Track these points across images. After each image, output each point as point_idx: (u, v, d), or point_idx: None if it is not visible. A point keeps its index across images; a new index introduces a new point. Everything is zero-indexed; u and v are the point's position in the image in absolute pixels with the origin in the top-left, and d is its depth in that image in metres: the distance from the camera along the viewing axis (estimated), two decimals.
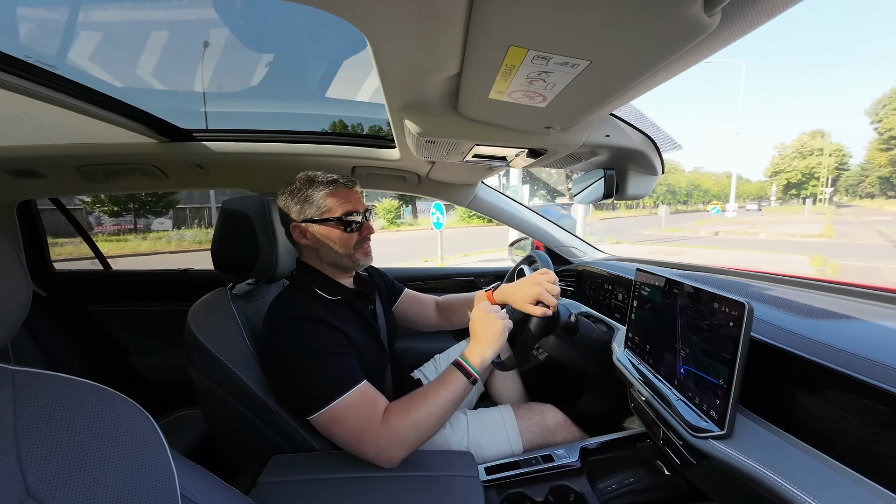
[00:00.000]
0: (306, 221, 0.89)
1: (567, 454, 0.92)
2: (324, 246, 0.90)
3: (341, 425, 0.76)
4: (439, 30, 0.47)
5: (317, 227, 0.89)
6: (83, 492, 0.37)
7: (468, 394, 0.84)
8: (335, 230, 0.89)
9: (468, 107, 0.71)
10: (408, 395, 0.81)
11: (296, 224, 0.89)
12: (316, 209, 0.88)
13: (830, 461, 0.50)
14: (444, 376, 0.83)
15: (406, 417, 0.77)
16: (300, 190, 0.89)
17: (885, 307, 0.73)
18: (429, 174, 1.42)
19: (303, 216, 0.89)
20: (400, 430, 0.76)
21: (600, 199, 1.20)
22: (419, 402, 0.79)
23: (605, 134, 0.92)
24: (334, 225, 0.89)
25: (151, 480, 0.42)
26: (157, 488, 0.42)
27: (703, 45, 0.45)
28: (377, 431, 0.75)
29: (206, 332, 0.83)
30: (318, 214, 0.89)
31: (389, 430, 0.75)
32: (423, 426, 0.77)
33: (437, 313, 1.27)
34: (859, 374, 0.49)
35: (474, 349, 0.86)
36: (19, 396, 0.38)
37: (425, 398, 0.80)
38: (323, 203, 0.88)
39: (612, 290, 1.27)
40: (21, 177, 1.38)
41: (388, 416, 0.77)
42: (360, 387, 0.78)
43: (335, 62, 1.31)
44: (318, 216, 0.89)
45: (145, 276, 1.88)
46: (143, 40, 1.36)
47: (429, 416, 0.78)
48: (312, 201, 0.88)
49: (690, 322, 0.70)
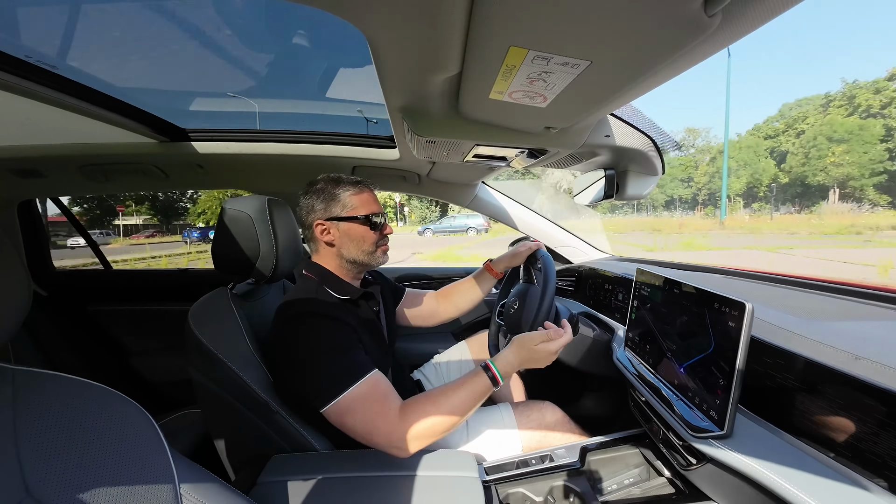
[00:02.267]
0: (331, 219, 0.92)
1: (567, 454, 0.92)
2: (347, 243, 0.93)
3: (353, 415, 0.75)
4: (439, 30, 0.47)
5: (343, 225, 0.93)
6: (83, 491, 0.37)
7: (487, 396, 0.82)
8: (360, 228, 0.93)
9: (469, 107, 0.71)
10: (427, 392, 0.80)
11: (320, 221, 0.92)
12: (342, 207, 0.92)
13: (830, 461, 0.50)
14: (469, 376, 0.81)
15: (427, 410, 0.76)
16: (326, 189, 0.93)
17: (885, 307, 0.73)
18: (429, 174, 1.42)
19: (328, 214, 0.92)
20: (417, 424, 0.75)
21: (601, 199, 1.20)
22: (439, 400, 0.78)
23: (605, 134, 0.92)
24: (360, 223, 0.93)
25: (151, 480, 0.42)
26: (157, 488, 0.42)
27: (704, 45, 0.45)
28: (392, 422, 0.74)
29: (207, 332, 0.84)
30: (345, 212, 0.92)
31: (406, 423, 0.75)
32: (440, 423, 0.76)
33: (440, 304, 1.27)
34: (859, 374, 0.49)
35: (510, 358, 0.83)
36: (19, 396, 0.38)
37: (446, 396, 0.78)
38: (349, 202, 0.93)
39: (612, 289, 1.27)
40: (21, 176, 1.38)
41: (406, 409, 0.76)
42: (371, 376, 0.78)
43: (335, 62, 1.31)
44: (345, 214, 0.92)
45: (145, 275, 1.88)
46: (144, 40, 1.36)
47: (448, 413, 0.76)
48: (339, 200, 0.92)
49: (690, 322, 0.70)
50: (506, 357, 0.83)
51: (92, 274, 1.87)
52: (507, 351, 0.84)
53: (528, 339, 0.84)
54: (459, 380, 0.81)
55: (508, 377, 0.83)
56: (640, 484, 0.89)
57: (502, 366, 0.82)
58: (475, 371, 0.82)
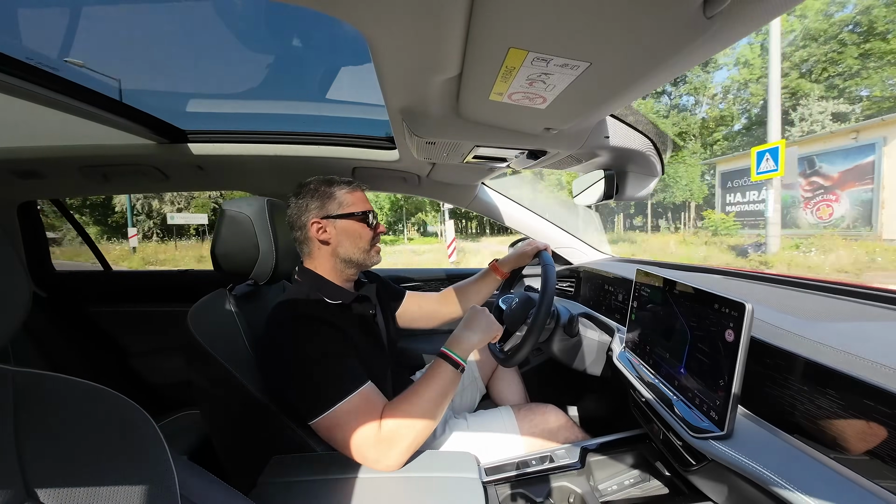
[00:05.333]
0: (327, 217, 0.92)
1: (567, 455, 0.91)
2: (344, 241, 0.93)
3: (342, 430, 0.75)
4: (439, 32, 0.47)
5: (340, 223, 0.93)
6: (83, 493, 0.37)
7: (458, 383, 0.84)
8: (357, 224, 0.94)
9: (468, 108, 0.71)
10: (399, 397, 0.80)
11: (316, 220, 0.92)
12: (338, 205, 0.93)
13: (830, 461, 0.50)
14: (432, 370, 0.83)
15: (402, 420, 0.76)
16: (319, 188, 0.93)
17: (885, 308, 0.73)
18: (429, 175, 1.42)
19: (324, 212, 0.92)
20: (398, 435, 0.75)
21: (601, 200, 1.20)
22: (412, 401, 0.78)
23: (604, 135, 0.93)
24: (357, 220, 0.94)
25: (151, 481, 0.42)
26: (157, 489, 0.42)
27: (703, 45, 0.45)
28: (377, 437, 0.74)
29: (206, 334, 0.83)
30: (341, 210, 0.93)
31: (387, 436, 0.75)
32: (419, 426, 0.77)
33: (443, 305, 1.27)
34: (859, 374, 0.49)
35: (458, 337, 0.87)
36: (19, 397, 0.38)
37: (417, 396, 0.79)
38: (345, 200, 0.94)
39: (612, 290, 1.27)
40: (22, 178, 1.38)
41: (383, 422, 0.76)
42: (362, 390, 0.77)
43: (335, 63, 1.31)
44: (341, 212, 0.92)
45: (145, 277, 1.88)
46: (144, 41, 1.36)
47: (424, 414, 0.77)
48: (335, 198, 0.93)
49: (690, 323, 0.70)
50: (454, 337, 0.87)
51: (91, 275, 1.87)
52: (459, 331, 0.88)
53: (475, 313, 0.90)
54: (424, 377, 0.82)
55: (468, 353, 0.86)
56: (640, 484, 0.89)
57: (460, 347, 0.85)
58: (435, 363, 0.84)
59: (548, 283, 0.97)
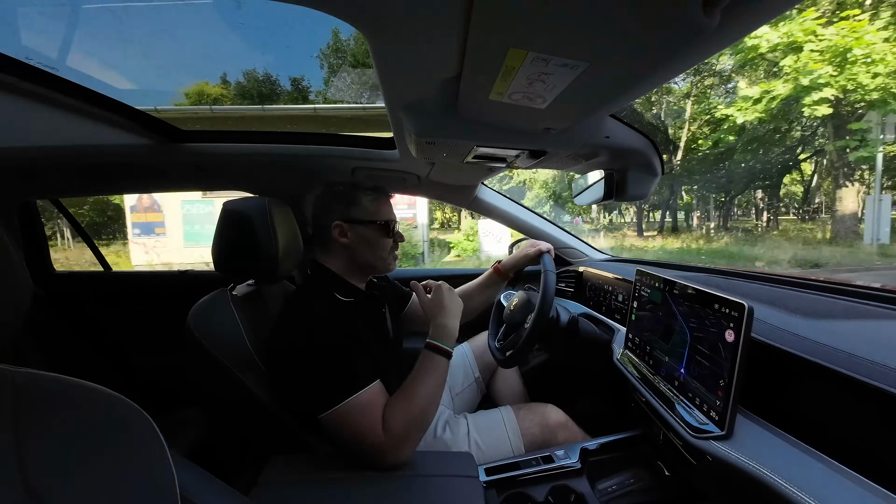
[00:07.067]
0: (350, 221, 0.93)
1: (567, 455, 0.92)
2: (362, 246, 0.94)
3: (351, 425, 0.75)
4: (439, 32, 0.47)
5: (361, 229, 0.94)
6: (83, 492, 0.37)
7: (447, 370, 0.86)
8: (377, 233, 0.96)
9: (468, 108, 0.71)
10: (400, 394, 0.81)
11: (339, 223, 0.93)
12: (363, 211, 0.95)
13: (830, 461, 0.50)
14: (426, 364, 0.84)
15: (402, 417, 0.77)
16: (347, 192, 0.95)
17: (884, 308, 0.73)
18: (429, 175, 1.42)
19: (347, 216, 0.93)
20: (405, 431, 0.76)
21: (601, 199, 1.20)
22: (410, 396, 0.79)
23: (604, 135, 0.92)
24: (377, 228, 0.95)
25: (151, 481, 0.42)
26: (157, 489, 0.42)
27: (703, 45, 0.45)
28: (386, 433, 0.75)
29: (206, 333, 0.83)
30: (364, 217, 0.94)
31: (396, 433, 0.75)
32: (419, 420, 0.78)
33: None
34: (859, 374, 0.49)
35: (440, 326, 0.89)
36: (19, 398, 0.38)
37: (414, 390, 0.80)
38: (369, 207, 0.95)
39: (612, 291, 1.27)
40: (22, 178, 1.38)
41: (390, 419, 0.76)
42: (373, 386, 0.78)
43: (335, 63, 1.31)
44: (364, 218, 0.94)
45: (145, 277, 1.88)
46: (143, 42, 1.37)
47: (423, 408, 0.79)
48: (360, 204, 0.94)
49: (690, 323, 0.70)
50: (435, 327, 0.89)
51: (92, 275, 1.86)
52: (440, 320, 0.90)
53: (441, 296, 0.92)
54: (420, 372, 0.83)
55: (452, 338, 0.88)
56: (640, 485, 0.89)
57: (445, 334, 0.87)
58: (426, 356, 0.85)
59: (546, 291, 0.97)
